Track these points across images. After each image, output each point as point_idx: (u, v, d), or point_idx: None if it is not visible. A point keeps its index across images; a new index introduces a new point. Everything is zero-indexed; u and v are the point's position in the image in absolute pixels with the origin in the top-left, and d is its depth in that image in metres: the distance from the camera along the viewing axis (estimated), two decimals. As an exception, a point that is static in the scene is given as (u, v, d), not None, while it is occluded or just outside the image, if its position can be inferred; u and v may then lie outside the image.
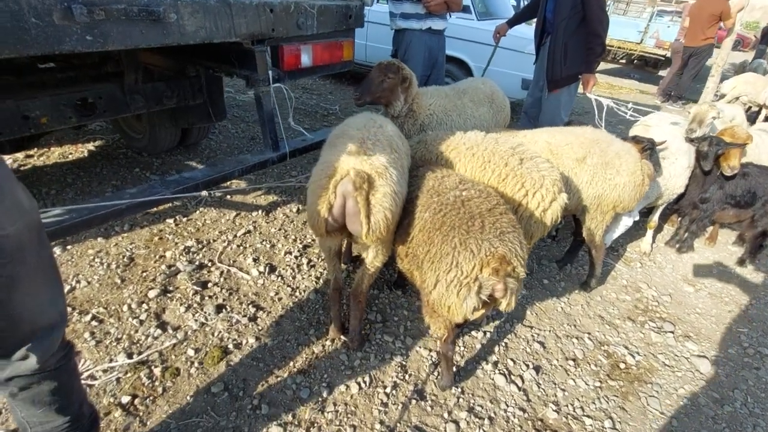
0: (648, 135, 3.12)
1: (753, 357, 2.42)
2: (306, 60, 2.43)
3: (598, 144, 2.17)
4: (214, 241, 2.99)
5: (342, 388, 2.03)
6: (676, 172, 2.75)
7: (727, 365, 2.35)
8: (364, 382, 2.06)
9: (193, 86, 2.54)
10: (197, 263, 2.74)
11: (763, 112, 5.87)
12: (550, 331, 2.49)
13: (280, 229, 3.18)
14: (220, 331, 2.26)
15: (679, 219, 3.35)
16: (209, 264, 2.76)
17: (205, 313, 2.36)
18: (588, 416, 2.00)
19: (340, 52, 2.67)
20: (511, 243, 1.49)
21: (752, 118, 5.85)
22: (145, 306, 2.37)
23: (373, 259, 1.94)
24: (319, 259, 2.89)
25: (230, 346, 2.18)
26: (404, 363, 2.19)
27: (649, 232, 3.27)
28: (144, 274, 2.61)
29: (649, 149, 2.55)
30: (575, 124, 3.29)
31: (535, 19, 4.03)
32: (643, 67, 10.92)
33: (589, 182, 2.17)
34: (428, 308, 1.73)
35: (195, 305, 2.41)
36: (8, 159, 3.61)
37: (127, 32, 1.52)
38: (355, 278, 2.08)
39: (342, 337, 2.27)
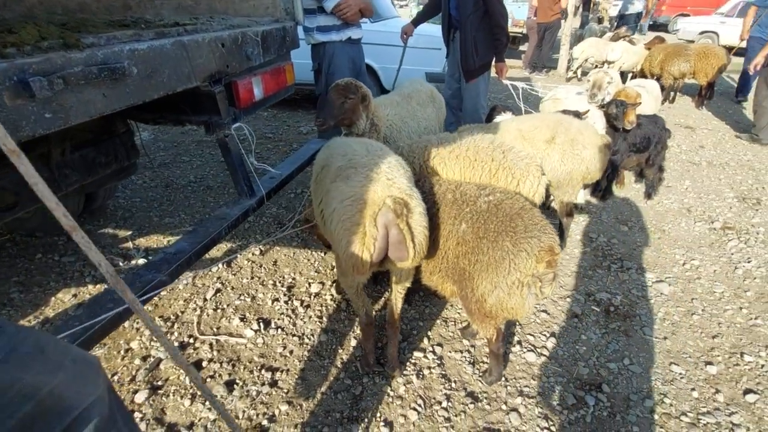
0: (561, 107, 3.57)
1: (691, 270, 2.99)
2: (258, 92, 2.22)
3: (561, 124, 2.44)
4: (183, 312, 2.59)
5: (401, 420, 1.96)
6: (598, 134, 3.22)
7: (678, 283, 2.86)
8: (419, 406, 2.02)
9: (125, 144, 2.12)
10: (177, 344, 2.35)
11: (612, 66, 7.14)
12: (546, 297, 2.73)
13: (252, 278, 2.89)
14: (244, 411, 1.99)
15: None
16: (191, 341, 2.39)
17: (216, 396, 2.05)
18: (610, 361, 2.27)
19: (284, 77, 2.50)
20: (550, 233, 1.60)
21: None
22: (138, 414, 1.96)
23: (405, 280, 1.90)
24: (312, 297, 2.71)
25: (264, 422, 1.94)
26: (444, 373, 2.20)
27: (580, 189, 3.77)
28: (117, 377, 2.14)
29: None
30: (500, 108, 3.60)
31: (433, 18, 4.29)
32: (503, 45, 12.38)
33: (561, 160, 2.42)
34: (479, 315, 1.76)
35: (200, 392, 2.07)
36: None
37: (89, 99, 1.21)
38: (388, 306, 2.01)
39: (376, 368, 2.18)
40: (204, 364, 2.23)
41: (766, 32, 5.69)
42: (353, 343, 2.36)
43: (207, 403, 2.01)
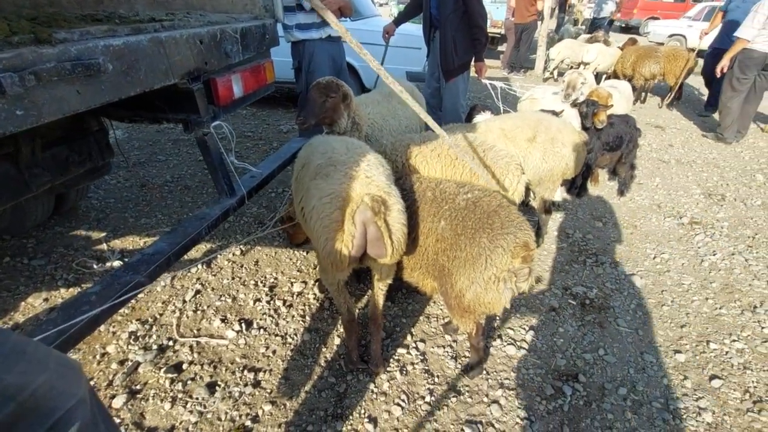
0: (538, 107, 3.66)
1: (661, 263, 3.12)
2: (237, 90, 2.20)
3: (542, 123, 2.50)
4: (161, 315, 2.54)
5: (385, 416, 1.98)
6: (573, 133, 3.32)
7: (649, 276, 2.98)
8: (403, 401, 2.04)
9: (99, 143, 2.05)
10: (155, 347, 2.30)
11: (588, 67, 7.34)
12: (523, 292, 2.79)
13: (233, 278, 2.85)
14: (226, 412, 1.97)
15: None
16: (171, 343, 2.34)
17: (197, 399, 2.02)
18: (586, 352, 2.35)
19: (264, 75, 2.47)
20: (526, 230, 1.65)
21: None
22: (116, 420, 1.91)
23: (386, 277, 1.92)
24: (294, 297, 2.69)
25: (248, 422, 1.93)
26: (427, 368, 2.23)
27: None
28: (93, 382, 2.08)
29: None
30: (480, 108, 3.66)
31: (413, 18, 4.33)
32: (482, 45, 12.57)
33: (542, 158, 2.49)
34: (459, 310, 1.80)
35: (180, 395, 2.04)
36: None
37: (62, 96, 1.18)
38: (370, 302, 2.03)
39: (359, 366, 2.19)
40: (185, 366, 2.20)
41: (726, 41, 5.92)
42: (337, 341, 2.37)
43: (188, 405, 1.99)
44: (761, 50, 5.03)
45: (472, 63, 3.94)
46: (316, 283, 2.78)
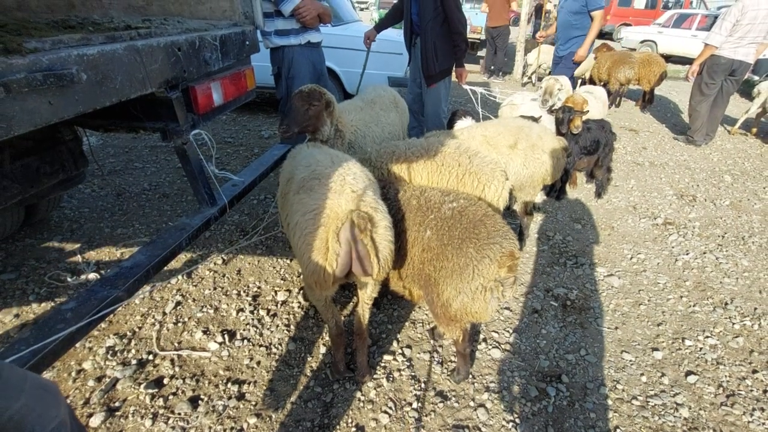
0: (518, 112, 3.74)
1: (637, 264, 3.21)
2: (217, 98, 2.17)
3: (522, 130, 2.55)
4: (140, 328, 2.46)
5: (372, 424, 1.97)
6: (551, 138, 3.39)
7: (626, 276, 3.07)
8: (390, 408, 2.04)
9: (72, 152, 1.99)
10: (134, 362, 2.24)
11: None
12: (507, 299, 2.83)
13: (215, 289, 2.80)
14: (210, 427, 1.92)
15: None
16: (150, 357, 2.28)
17: (180, 414, 1.97)
18: (568, 353, 2.40)
19: (244, 82, 2.45)
20: (511, 239, 1.67)
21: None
22: (94, 440, 1.85)
23: (371, 292, 1.90)
24: (279, 306, 2.66)
25: (232, 437, 1.89)
26: (414, 374, 2.23)
27: (537, 189, 3.95)
28: (69, 401, 2.01)
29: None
30: (461, 113, 3.71)
31: (396, 24, 4.36)
32: (462, 50, 12.76)
33: (523, 164, 2.53)
34: (445, 319, 1.81)
35: (161, 411, 1.98)
36: None
37: (33, 107, 1.14)
38: (355, 317, 2.01)
39: (346, 375, 2.18)
40: (165, 380, 2.14)
41: (560, 48, 5.28)
42: (322, 350, 2.35)
43: (170, 421, 1.93)
44: (728, 56, 5.26)
45: (453, 69, 3.99)
46: (301, 291, 2.76)
